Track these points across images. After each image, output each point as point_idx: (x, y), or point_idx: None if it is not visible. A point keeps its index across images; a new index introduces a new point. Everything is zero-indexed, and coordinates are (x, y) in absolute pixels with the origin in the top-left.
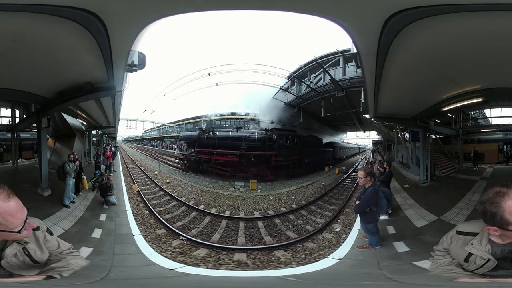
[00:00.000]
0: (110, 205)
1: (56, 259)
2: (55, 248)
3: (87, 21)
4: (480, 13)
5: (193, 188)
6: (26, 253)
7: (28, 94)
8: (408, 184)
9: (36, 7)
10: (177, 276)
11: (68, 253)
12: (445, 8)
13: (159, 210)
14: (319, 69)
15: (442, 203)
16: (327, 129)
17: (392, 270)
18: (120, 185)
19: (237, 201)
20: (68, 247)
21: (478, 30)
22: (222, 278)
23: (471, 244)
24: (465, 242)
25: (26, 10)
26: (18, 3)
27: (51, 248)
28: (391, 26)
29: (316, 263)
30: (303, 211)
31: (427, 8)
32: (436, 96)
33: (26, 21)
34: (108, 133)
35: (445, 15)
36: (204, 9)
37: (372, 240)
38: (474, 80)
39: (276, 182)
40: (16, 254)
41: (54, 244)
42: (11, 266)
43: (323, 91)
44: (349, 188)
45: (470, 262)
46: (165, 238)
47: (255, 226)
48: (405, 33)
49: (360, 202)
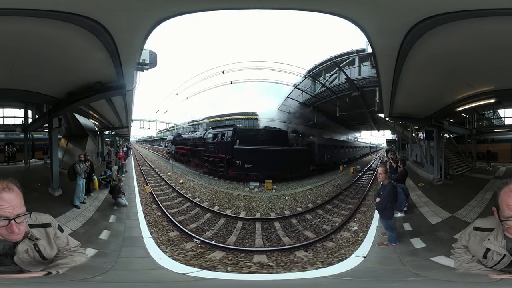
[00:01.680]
0: (120, 207)
1: (62, 255)
2: (64, 245)
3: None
4: (494, 18)
5: (207, 189)
6: (36, 249)
7: (40, 95)
8: (422, 183)
9: (44, 13)
10: (189, 280)
11: (75, 250)
12: (463, 14)
13: (172, 211)
14: (334, 68)
15: (456, 201)
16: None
17: (416, 266)
18: (132, 186)
19: (252, 201)
20: (76, 245)
21: (492, 33)
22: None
23: (488, 240)
24: (482, 238)
25: (35, 15)
26: (27, 8)
27: (61, 245)
28: (417, 31)
29: (343, 262)
30: (320, 210)
31: (448, 14)
32: (450, 96)
33: (36, 24)
34: (121, 134)
35: (461, 20)
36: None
37: (392, 236)
38: (487, 81)
39: (291, 181)
40: (28, 250)
41: (64, 241)
42: (22, 262)
43: (338, 90)
44: (363, 187)
45: (488, 258)
46: (178, 240)
47: (271, 226)
48: (425, 37)
49: (381, 198)
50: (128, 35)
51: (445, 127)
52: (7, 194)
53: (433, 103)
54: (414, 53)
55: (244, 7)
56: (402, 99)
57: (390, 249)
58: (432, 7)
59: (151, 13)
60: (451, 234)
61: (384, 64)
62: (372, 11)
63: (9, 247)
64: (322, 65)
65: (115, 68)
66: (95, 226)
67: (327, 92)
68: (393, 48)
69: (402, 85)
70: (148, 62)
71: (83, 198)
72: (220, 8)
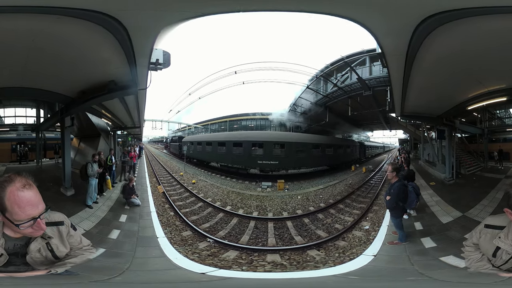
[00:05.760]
0: (133, 207)
1: (73, 254)
2: (77, 244)
3: (106, 22)
4: (504, 15)
5: (219, 189)
6: (49, 248)
7: (52, 93)
8: (434, 182)
9: (57, 10)
10: (213, 280)
11: (86, 249)
12: (473, 11)
13: (184, 211)
14: (345, 68)
15: (467, 200)
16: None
17: (423, 266)
18: (145, 186)
19: (265, 201)
20: (87, 243)
21: (502, 30)
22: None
23: (499, 238)
24: (493, 236)
25: (45, 13)
26: (36, 5)
27: (74, 243)
28: (423, 29)
29: (354, 261)
30: (332, 209)
31: (454, 11)
32: (462, 95)
33: (48, 22)
34: (134, 134)
35: (470, 18)
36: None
37: (402, 235)
38: (498, 79)
39: (303, 181)
40: (40, 250)
41: (77, 239)
42: (35, 262)
43: (350, 90)
44: (376, 186)
45: (497, 257)
46: (191, 240)
47: (284, 226)
48: (434, 35)
49: (391, 197)
50: (143, 34)
51: (457, 126)
52: (28, 191)
53: (444, 102)
54: (423, 51)
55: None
56: (413, 98)
57: (400, 248)
58: (434, 5)
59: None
60: (462, 234)
61: (394, 63)
62: (376, 11)
63: (19, 246)
64: (334, 65)
65: (130, 67)
66: (108, 226)
67: (339, 92)
68: (401, 47)
69: (413, 83)
70: (161, 62)
71: (96, 198)
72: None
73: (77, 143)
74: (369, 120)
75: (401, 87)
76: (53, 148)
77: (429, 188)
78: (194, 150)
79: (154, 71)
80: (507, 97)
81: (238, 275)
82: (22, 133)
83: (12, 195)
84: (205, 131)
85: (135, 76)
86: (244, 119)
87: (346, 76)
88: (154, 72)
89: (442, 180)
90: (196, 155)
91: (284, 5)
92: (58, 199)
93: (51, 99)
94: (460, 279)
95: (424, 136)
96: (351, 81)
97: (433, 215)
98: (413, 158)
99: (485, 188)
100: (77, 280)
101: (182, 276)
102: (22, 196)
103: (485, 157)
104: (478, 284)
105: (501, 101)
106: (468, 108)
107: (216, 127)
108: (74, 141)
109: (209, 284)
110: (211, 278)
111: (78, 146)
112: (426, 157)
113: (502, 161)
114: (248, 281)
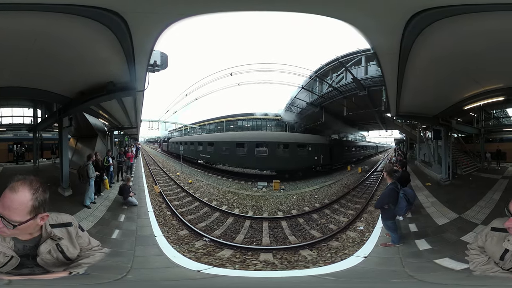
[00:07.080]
0: (130, 206)
1: (85, 255)
2: (86, 244)
3: (109, 20)
4: (501, 13)
5: (215, 189)
6: (59, 249)
7: (51, 94)
8: (430, 183)
9: (57, 7)
10: (206, 277)
11: (97, 249)
12: (466, 8)
13: (181, 211)
14: (340, 68)
15: (463, 201)
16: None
17: (416, 268)
18: (142, 186)
19: (260, 201)
20: (97, 244)
21: (499, 29)
22: (254, 279)
23: (508, 240)
24: (500, 239)
25: (47, 10)
26: (39, 2)
27: (82, 244)
28: (413, 26)
29: (343, 262)
30: (327, 210)
31: (447, 8)
32: (458, 94)
33: (49, 21)
34: (130, 134)
35: (465, 15)
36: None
37: (394, 237)
38: (495, 78)
39: (299, 181)
40: (50, 251)
41: (85, 240)
42: (46, 264)
43: (345, 90)
44: (371, 186)
45: (506, 260)
46: (188, 239)
47: (279, 226)
48: (427, 33)
49: (379, 197)
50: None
51: (453, 126)
52: (8, 193)
53: (440, 102)
54: (417, 50)
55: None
56: (408, 98)
57: (393, 250)
58: (422, 1)
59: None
60: (458, 236)
61: (387, 63)
62: (363, 9)
63: (29, 248)
64: (329, 65)
65: (129, 66)
66: (107, 225)
67: (334, 92)
68: (394, 46)
69: (408, 83)
70: (159, 63)
71: (94, 198)
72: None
73: (74, 143)
74: (365, 120)
75: (395, 86)
76: (50, 148)
77: (424, 189)
78: (177, 149)
79: (152, 73)
80: (504, 96)
81: (230, 273)
82: (19, 133)
83: (3, 197)
84: (202, 132)
85: (134, 76)
86: (240, 119)
87: (341, 76)
88: (152, 73)
89: (438, 180)
90: (177, 151)
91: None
92: (56, 199)
93: (49, 99)
94: (459, 281)
95: (420, 136)
96: (346, 81)
97: (428, 216)
98: (409, 159)
99: (482, 188)
100: (97, 281)
101: (180, 274)
102: (13, 199)
103: (482, 157)
104: (484, 286)
105: (498, 100)
106: (464, 108)
107: (213, 127)
108: (71, 141)
109: (202, 282)
110: (205, 276)
111: (75, 146)
112: (422, 157)
113: (499, 161)
114: (238, 279)
